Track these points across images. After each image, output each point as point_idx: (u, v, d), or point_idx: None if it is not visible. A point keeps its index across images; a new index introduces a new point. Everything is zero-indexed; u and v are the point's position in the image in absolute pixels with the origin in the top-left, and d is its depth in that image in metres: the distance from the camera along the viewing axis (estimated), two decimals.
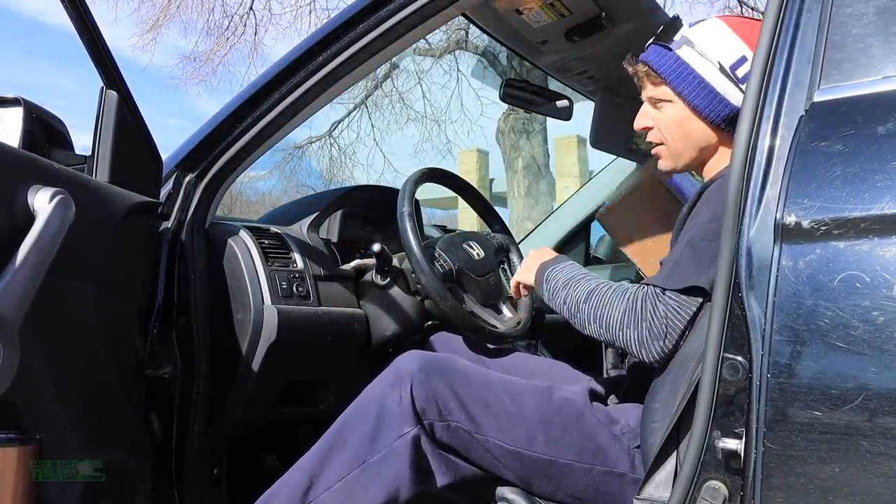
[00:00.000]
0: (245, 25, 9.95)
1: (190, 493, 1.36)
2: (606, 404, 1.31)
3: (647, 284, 1.16)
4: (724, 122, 1.22)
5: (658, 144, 1.32)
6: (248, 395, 1.42)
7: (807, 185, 0.85)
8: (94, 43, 1.12)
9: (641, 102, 1.32)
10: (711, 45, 1.21)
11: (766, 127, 0.90)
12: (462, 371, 1.19)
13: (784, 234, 0.84)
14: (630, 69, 1.32)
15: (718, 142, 1.25)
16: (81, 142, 1.21)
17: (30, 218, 0.91)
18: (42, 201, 0.92)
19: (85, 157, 1.18)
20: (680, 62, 1.22)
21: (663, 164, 1.33)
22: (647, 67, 1.26)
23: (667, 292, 1.12)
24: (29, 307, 0.87)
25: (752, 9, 8.53)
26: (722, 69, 1.20)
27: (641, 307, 1.13)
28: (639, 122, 1.32)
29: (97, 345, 1.13)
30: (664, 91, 1.25)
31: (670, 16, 1.39)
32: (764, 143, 0.89)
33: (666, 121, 1.28)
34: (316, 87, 1.35)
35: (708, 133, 1.25)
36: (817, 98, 0.89)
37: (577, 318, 1.22)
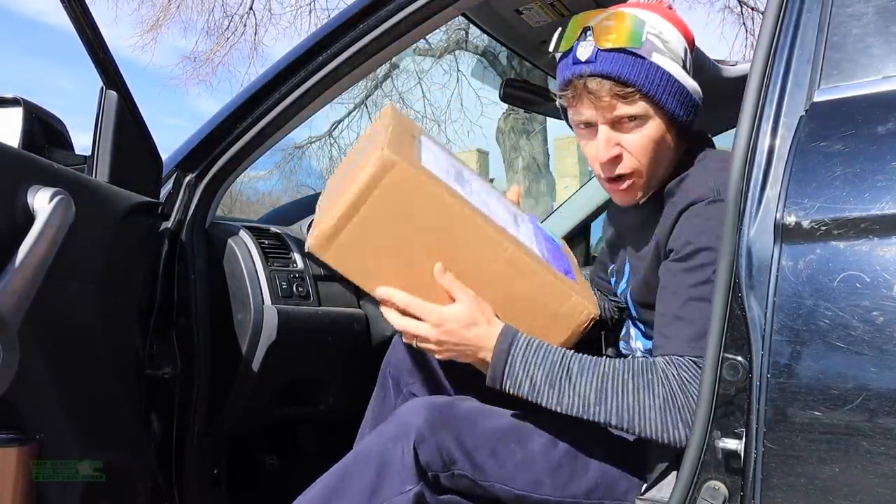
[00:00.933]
0: (245, 25, 9.99)
1: (190, 493, 1.36)
2: None
3: (681, 357, 0.99)
4: (692, 122, 1.11)
5: (627, 176, 1.10)
6: (248, 395, 1.42)
7: (807, 185, 0.85)
8: (93, 43, 1.12)
9: None
10: (673, 42, 1.09)
11: (766, 127, 0.90)
12: (467, 418, 1.12)
13: (784, 234, 0.84)
14: (572, 94, 1.08)
15: (677, 149, 1.12)
16: (81, 142, 1.21)
17: (30, 218, 0.91)
18: (42, 201, 0.92)
19: (85, 157, 1.18)
20: (658, 70, 1.05)
21: (631, 197, 1.12)
22: (616, 84, 1.04)
23: (698, 361, 0.97)
24: (29, 307, 0.87)
25: (753, 9, 8.54)
26: (683, 65, 1.10)
27: (683, 393, 0.97)
28: (606, 154, 1.07)
29: (97, 345, 1.13)
30: (642, 107, 1.06)
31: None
32: (764, 143, 0.89)
33: (643, 142, 1.07)
34: (316, 87, 1.35)
35: (677, 141, 1.11)
36: (817, 98, 0.89)
37: (589, 417, 1.02)
